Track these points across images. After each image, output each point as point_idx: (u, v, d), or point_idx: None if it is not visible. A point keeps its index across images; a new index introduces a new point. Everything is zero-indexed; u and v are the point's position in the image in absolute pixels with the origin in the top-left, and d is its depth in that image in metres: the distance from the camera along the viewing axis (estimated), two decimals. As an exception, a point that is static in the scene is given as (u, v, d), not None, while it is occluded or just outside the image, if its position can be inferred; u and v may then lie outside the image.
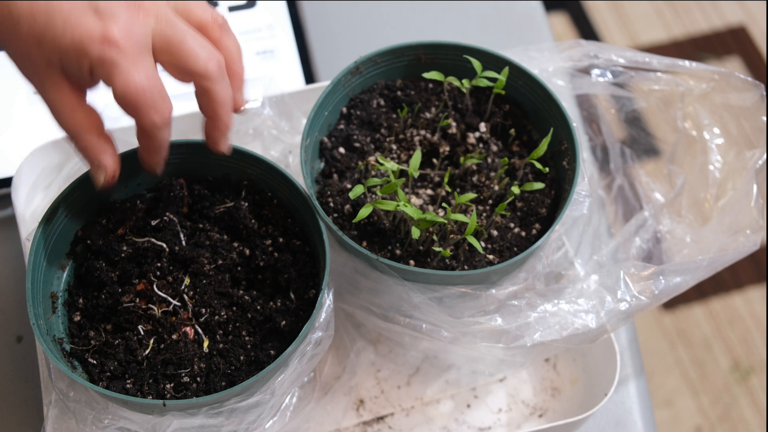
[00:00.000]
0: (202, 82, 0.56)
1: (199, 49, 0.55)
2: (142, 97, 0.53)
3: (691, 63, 0.76)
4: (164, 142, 0.57)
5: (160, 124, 0.55)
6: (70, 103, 0.55)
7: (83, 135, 0.55)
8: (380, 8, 0.90)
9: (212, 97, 0.57)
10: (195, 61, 0.55)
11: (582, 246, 0.71)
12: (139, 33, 0.53)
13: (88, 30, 0.52)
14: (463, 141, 0.71)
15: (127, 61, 0.52)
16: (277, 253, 0.64)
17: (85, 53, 0.52)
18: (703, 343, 1.59)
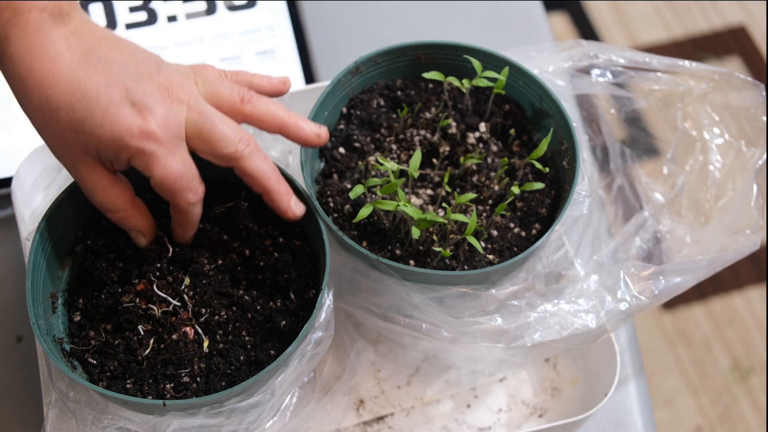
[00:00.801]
0: (236, 163, 0.59)
1: (228, 132, 0.58)
2: (179, 183, 0.57)
3: (691, 63, 0.76)
4: (197, 217, 0.61)
5: (194, 202, 0.59)
6: (105, 183, 0.58)
7: (119, 210, 0.59)
8: (380, 8, 0.90)
9: (252, 174, 0.60)
10: (225, 146, 0.58)
11: (582, 246, 0.71)
12: (174, 124, 0.56)
13: (127, 124, 0.54)
14: (463, 141, 0.71)
15: (165, 152, 0.55)
16: (277, 253, 0.64)
17: (125, 146, 0.55)
18: (703, 343, 1.59)
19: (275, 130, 0.62)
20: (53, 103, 0.54)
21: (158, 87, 0.56)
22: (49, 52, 0.55)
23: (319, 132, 0.63)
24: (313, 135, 0.63)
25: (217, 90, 0.60)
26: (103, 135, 0.54)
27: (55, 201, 0.62)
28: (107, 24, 0.83)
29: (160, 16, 0.84)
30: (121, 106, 0.55)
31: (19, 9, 0.55)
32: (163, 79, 0.57)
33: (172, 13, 0.84)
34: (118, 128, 0.54)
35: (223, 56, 0.83)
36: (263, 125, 0.62)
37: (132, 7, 0.84)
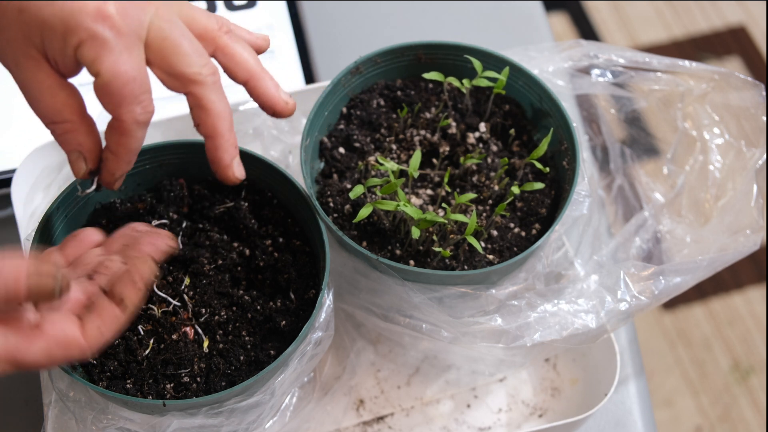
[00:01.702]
0: (193, 88, 0.50)
1: (194, 53, 0.50)
2: (129, 88, 0.47)
3: (691, 63, 0.76)
4: (137, 145, 0.51)
5: (141, 120, 0.49)
6: (50, 84, 0.48)
7: (65, 120, 0.49)
8: (380, 8, 0.90)
9: (206, 107, 0.51)
10: (187, 64, 0.50)
11: (582, 246, 0.71)
12: (136, 18, 0.47)
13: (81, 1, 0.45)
14: (463, 141, 0.71)
15: (120, 45, 0.46)
16: (277, 253, 0.64)
17: (75, 27, 0.46)
18: (703, 343, 1.59)
19: (242, 76, 0.54)
20: None
21: None
22: None
23: (288, 100, 0.56)
24: (281, 100, 0.55)
25: (193, 12, 0.52)
26: (51, 12, 0.45)
27: (55, 201, 0.62)
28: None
29: (160, 16, 0.84)
30: None
31: None
32: None
33: (172, 13, 0.84)
34: (71, 3, 0.45)
35: (223, 56, 0.83)
36: (232, 66, 0.54)
37: (132, 7, 0.84)
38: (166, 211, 0.65)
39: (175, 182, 0.66)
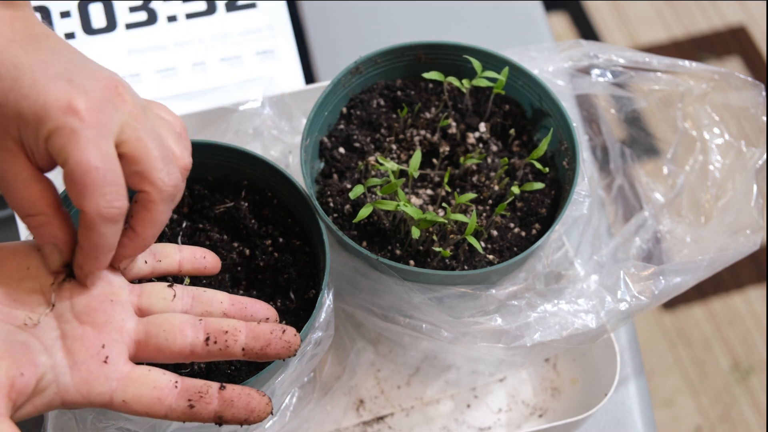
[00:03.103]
0: (153, 194, 0.50)
1: (165, 160, 0.50)
2: (92, 176, 0.47)
3: (691, 63, 0.76)
4: (106, 243, 0.49)
5: (106, 214, 0.47)
6: (26, 177, 0.49)
7: (39, 213, 0.49)
8: (380, 8, 0.90)
9: (153, 215, 0.51)
10: (156, 169, 0.50)
11: (582, 246, 0.71)
12: (108, 114, 0.48)
13: (55, 95, 0.47)
14: (462, 141, 0.71)
15: (87, 135, 0.47)
16: (277, 253, 0.64)
17: (46, 119, 0.47)
18: (703, 343, 1.59)
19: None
20: None
21: (105, 78, 0.49)
22: None
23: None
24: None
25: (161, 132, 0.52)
26: (27, 105, 0.47)
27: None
28: (107, 24, 0.83)
29: (160, 16, 0.84)
30: (54, 80, 0.48)
31: None
32: (114, 77, 0.50)
33: (172, 13, 0.84)
34: (44, 98, 0.47)
35: (223, 56, 0.83)
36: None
37: (132, 7, 0.84)
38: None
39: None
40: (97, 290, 0.51)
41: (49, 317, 0.50)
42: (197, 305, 0.54)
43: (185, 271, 0.56)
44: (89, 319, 0.50)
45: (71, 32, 0.82)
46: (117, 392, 0.49)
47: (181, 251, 0.56)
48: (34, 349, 0.48)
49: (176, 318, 0.51)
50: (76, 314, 0.50)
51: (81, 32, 0.82)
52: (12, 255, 0.51)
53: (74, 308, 0.50)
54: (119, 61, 0.82)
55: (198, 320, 0.52)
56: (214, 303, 0.54)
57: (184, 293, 0.54)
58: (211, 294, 0.54)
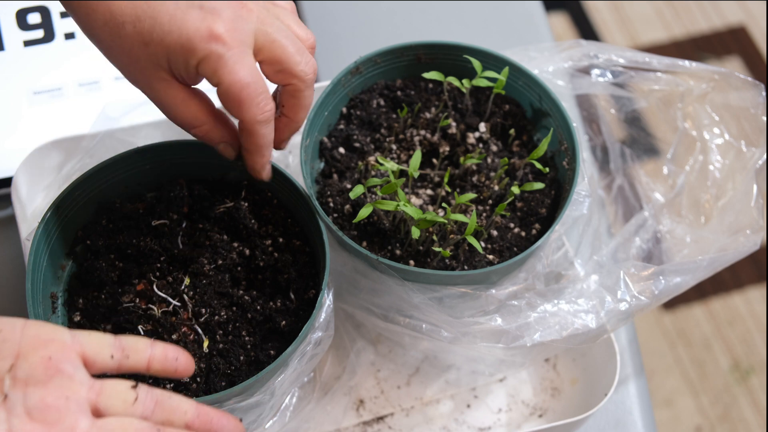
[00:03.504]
0: (296, 82, 0.57)
1: (297, 52, 0.56)
2: (246, 92, 0.54)
3: (691, 63, 0.76)
4: (267, 141, 0.58)
5: (262, 119, 0.56)
6: (183, 98, 0.56)
7: (203, 123, 0.57)
8: (380, 8, 0.90)
9: (300, 99, 0.58)
10: (295, 63, 0.56)
11: (582, 246, 0.71)
12: (243, 29, 0.54)
13: (194, 26, 0.52)
14: (462, 141, 0.71)
15: (233, 57, 0.53)
16: (277, 253, 0.64)
17: (193, 50, 0.53)
18: (703, 343, 1.59)
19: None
20: (118, 17, 0.53)
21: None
22: None
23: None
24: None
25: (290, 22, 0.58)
26: (172, 41, 0.53)
27: (55, 201, 0.62)
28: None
29: (160, 16, 0.84)
30: (189, 10, 0.53)
31: None
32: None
33: (172, 13, 0.84)
34: (186, 31, 0.52)
35: (223, 56, 0.83)
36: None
37: (132, 7, 0.83)
38: (166, 211, 0.65)
39: (175, 182, 0.66)
40: (55, 383, 0.48)
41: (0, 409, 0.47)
42: (159, 412, 0.49)
43: (153, 371, 0.51)
44: (40, 416, 0.47)
45: (71, 32, 0.82)
46: None
47: (153, 347, 0.51)
48: None
49: (132, 425, 0.48)
50: (27, 408, 0.47)
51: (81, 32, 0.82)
52: None
53: (27, 401, 0.47)
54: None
55: (156, 430, 0.48)
56: (178, 412, 0.49)
57: (147, 397, 0.49)
58: (176, 401, 0.50)
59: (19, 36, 0.81)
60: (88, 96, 0.79)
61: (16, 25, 0.81)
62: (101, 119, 0.72)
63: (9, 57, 0.80)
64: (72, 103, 0.79)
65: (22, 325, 0.49)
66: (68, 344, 0.49)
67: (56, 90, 0.80)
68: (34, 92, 0.79)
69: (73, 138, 0.72)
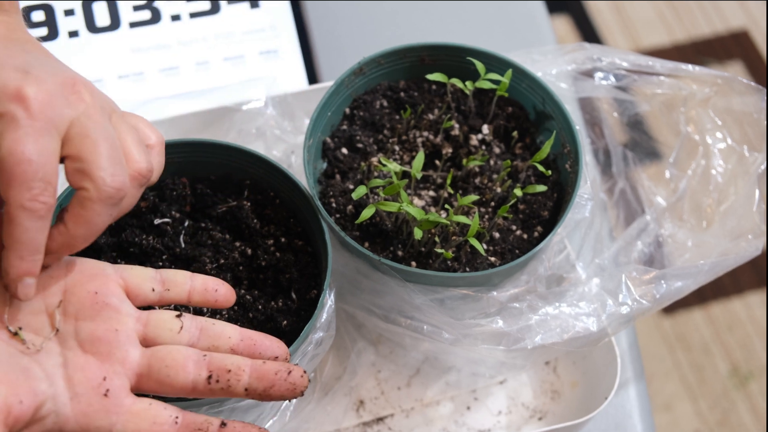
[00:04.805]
0: (90, 192, 0.47)
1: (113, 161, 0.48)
2: (21, 168, 0.44)
3: (695, 67, 0.76)
4: (27, 238, 0.46)
5: (29, 207, 0.45)
6: None
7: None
8: (383, 10, 0.90)
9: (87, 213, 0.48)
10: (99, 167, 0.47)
11: (584, 249, 0.71)
12: (58, 110, 0.47)
13: (5, 82, 0.46)
14: (465, 143, 0.71)
15: (29, 129, 0.45)
16: (279, 253, 0.64)
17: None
18: (703, 348, 1.59)
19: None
20: None
21: (66, 77, 0.48)
22: None
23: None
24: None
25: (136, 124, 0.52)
26: None
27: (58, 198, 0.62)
28: (111, 23, 0.83)
29: (164, 14, 0.84)
30: (12, 70, 0.47)
31: None
32: (79, 78, 0.49)
33: (175, 12, 0.84)
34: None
35: (226, 56, 0.83)
36: None
37: (136, 5, 0.84)
38: (168, 209, 0.65)
39: (177, 181, 0.66)
40: (103, 317, 0.49)
41: (53, 342, 0.48)
42: (204, 338, 0.52)
43: (194, 302, 0.53)
44: (92, 348, 0.49)
45: (75, 30, 0.82)
46: (116, 426, 0.48)
47: (192, 280, 0.53)
48: (35, 377, 0.47)
49: (180, 352, 0.50)
50: (80, 341, 0.49)
51: (85, 30, 0.82)
52: None
53: (78, 335, 0.49)
54: (123, 59, 0.82)
55: (203, 356, 0.50)
56: (222, 337, 0.52)
57: (192, 325, 0.52)
58: (220, 327, 0.52)
59: (22, 33, 0.80)
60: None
61: (20, 23, 0.81)
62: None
63: (12, 54, 0.80)
64: (75, 100, 0.79)
65: (66, 261, 0.50)
66: (112, 277, 0.51)
67: (59, 87, 0.79)
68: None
69: (76, 136, 0.72)
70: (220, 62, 0.83)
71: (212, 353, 0.50)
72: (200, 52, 0.83)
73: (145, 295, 0.52)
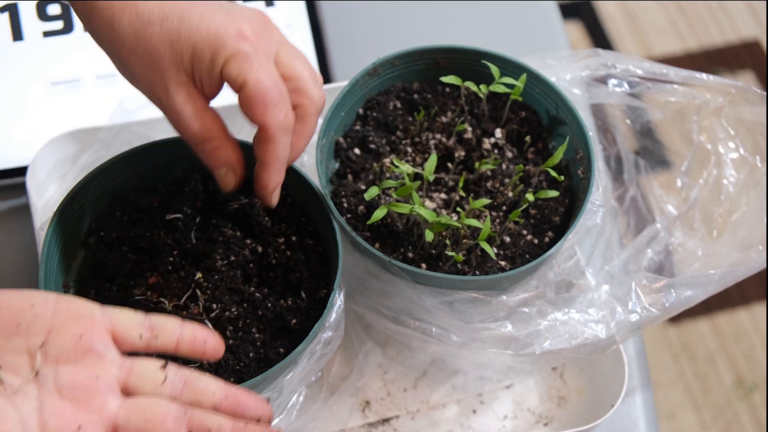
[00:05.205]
0: (309, 107, 0.58)
1: (313, 78, 0.58)
2: (271, 93, 0.54)
3: (708, 76, 0.76)
4: (284, 153, 0.56)
5: (284, 125, 0.55)
6: (198, 108, 0.55)
7: (214, 138, 0.56)
8: (398, 11, 0.90)
9: (307, 127, 0.58)
10: (312, 85, 0.57)
11: (594, 256, 0.71)
12: (268, 39, 0.55)
13: (224, 25, 0.53)
14: (478, 146, 0.71)
15: (259, 58, 0.54)
16: (289, 252, 0.64)
17: (221, 47, 0.53)
18: (707, 358, 1.59)
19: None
20: (145, 17, 0.53)
21: (255, 11, 0.56)
22: None
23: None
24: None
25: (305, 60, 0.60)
26: (200, 38, 0.53)
27: (71, 192, 0.63)
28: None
29: (179, 11, 0.84)
30: (217, 11, 0.54)
31: None
32: (260, 10, 0.57)
33: (191, 9, 0.84)
34: (216, 28, 0.53)
35: (240, 53, 0.83)
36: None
37: (151, 1, 0.84)
38: (180, 205, 0.65)
39: (190, 177, 0.66)
40: (86, 362, 0.48)
41: (31, 384, 0.47)
42: (188, 392, 0.49)
43: (182, 352, 0.51)
44: (71, 393, 0.47)
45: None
46: None
47: (182, 329, 0.51)
48: (8, 419, 0.45)
49: (160, 406, 0.48)
50: (58, 386, 0.47)
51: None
52: (6, 308, 0.48)
53: (58, 379, 0.47)
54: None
55: (183, 412, 0.48)
56: (206, 393, 0.49)
57: (176, 377, 0.49)
58: (204, 383, 0.50)
59: (38, 27, 0.81)
60: (106, 88, 0.80)
61: (36, 16, 0.81)
62: (118, 112, 0.73)
63: (28, 47, 0.80)
64: (89, 94, 0.79)
65: (54, 300, 0.49)
66: (99, 321, 0.49)
67: (74, 81, 0.80)
68: (52, 83, 0.79)
69: (90, 129, 0.72)
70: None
71: (194, 410, 0.48)
72: (215, 49, 0.83)
73: (132, 342, 0.50)
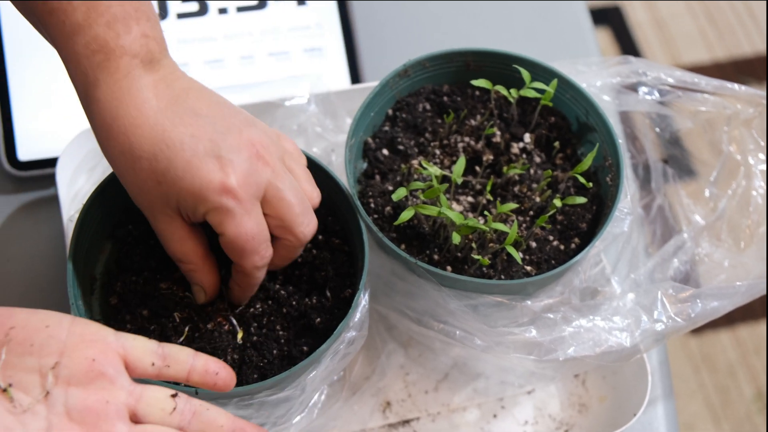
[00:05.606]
0: (294, 242, 0.58)
1: (304, 213, 0.58)
2: (250, 244, 0.55)
3: (740, 86, 0.75)
4: (259, 281, 0.59)
5: (260, 266, 0.57)
6: (181, 235, 0.57)
7: (190, 263, 0.58)
8: (428, 12, 0.90)
9: (290, 254, 0.60)
10: (298, 224, 0.57)
11: (620, 263, 0.71)
12: (256, 183, 0.55)
13: (209, 177, 0.53)
14: (506, 150, 0.71)
15: (241, 210, 0.54)
16: (315, 250, 0.65)
17: (203, 200, 0.54)
18: (728, 370, 1.57)
19: None
20: (136, 151, 0.54)
21: (245, 143, 0.55)
22: (136, 99, 0.54)
23: None
24: None
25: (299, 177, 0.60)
26: (184, 186, 0.53)
27: (100, 185, 0.63)
28: (158, 13, 0.84)
29: (211, 7, 0.84)
30: (205, 159, 0.54)
31: (112, 54, 0.54)
32: (252, 136, 0.56)
33: (223, 6, 0.84)
34: (199, 181, 0.53)
35: (271, 51, 0.83)
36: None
37: (184, -3, 0.84)
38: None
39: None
40: (96, 386, 0.48)
41: (41, 404, 0.47)
42: (196, 423, 0.50)
43: (193, 382, 0.52)
44: (79, 416, 0.47)
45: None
46: None
47: (194, 359, 0.52)
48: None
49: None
50: (68, 408, 0.47)
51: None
52: (21, 327, 0.48)
53: (68, 401, 0.48)
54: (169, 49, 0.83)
55: None
56: (214, 425, 0.50)
57: (185, 407, 0.50)
58: (213, 414, 0.51)
59: (72, 19, 0.81)
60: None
61: (70, 8, 0.82)
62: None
63: (61, 39, 0.81)
64: (120, 88, 0.80)
65: (69, 322, 0.49)
66: (112, 346, 0.50)
67: (105, 74, 0.80)
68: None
69: (120, 123, 0.73)
70: (264, 57, 0.83)
71: None
72: (245, 46, 0.83)
73: (144, 369, 0.51)
